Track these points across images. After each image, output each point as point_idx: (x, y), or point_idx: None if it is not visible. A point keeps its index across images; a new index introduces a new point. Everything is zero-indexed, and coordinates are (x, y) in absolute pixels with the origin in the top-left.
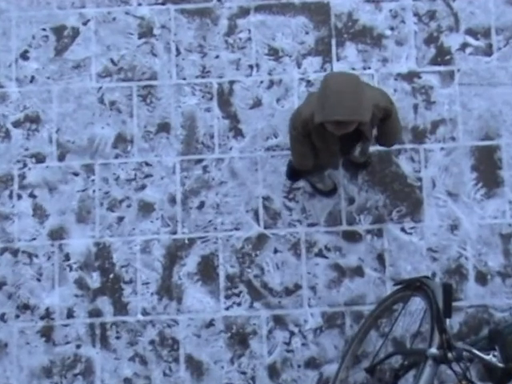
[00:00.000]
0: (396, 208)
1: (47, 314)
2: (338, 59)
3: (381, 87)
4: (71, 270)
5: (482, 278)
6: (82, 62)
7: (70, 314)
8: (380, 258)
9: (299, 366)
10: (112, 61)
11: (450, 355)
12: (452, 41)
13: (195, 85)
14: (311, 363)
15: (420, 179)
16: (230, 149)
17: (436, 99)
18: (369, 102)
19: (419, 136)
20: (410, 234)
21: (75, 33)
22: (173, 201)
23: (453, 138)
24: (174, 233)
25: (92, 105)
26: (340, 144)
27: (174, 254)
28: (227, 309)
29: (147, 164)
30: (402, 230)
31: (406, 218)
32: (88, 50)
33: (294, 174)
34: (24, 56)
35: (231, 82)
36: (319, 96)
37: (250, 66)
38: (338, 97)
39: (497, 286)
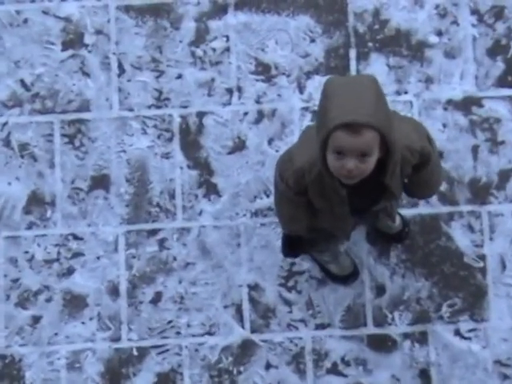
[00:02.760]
0: (447, 301)
1: None
2: None
3: (415, 118)
4: None
5: None
6: None
7: None
8: (424, 376)
9: None
10: (23, 83)
11: None
12: None
13: (147, 118)
14: None
15: (483, 257)
16: (200, 213)
17: (506, 138)
18: (397, 135)
19: (481, 193)
20: (469, 339)
21: None
22: (115, 292)
23: None
24: (117, 340)
25: None
26: (350, 204)
27: (116, 372)
28: None
29: (76, 237)
30: (457, 333)
31: (461, 316)
32: None
33: (291, 245)
34: None
35: (201, 115)
36: (319, 107)
37: (229, 91)
38: (349, 93)
39: None
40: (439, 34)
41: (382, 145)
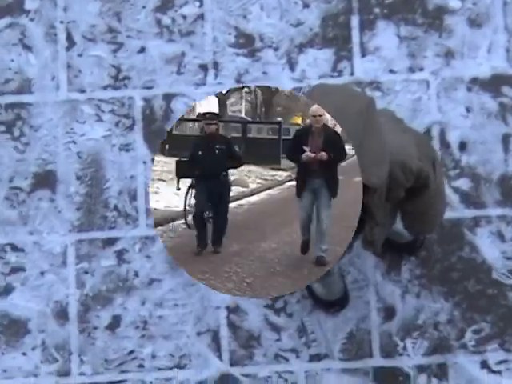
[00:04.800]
0: (472, 326)
1: None
2: (364, 54)
3: (426, 135)
4: None
5: None
6: None
7: None
8: None
9: None
10: None
11: None
12: None
13: (102, 102)
14: None
15: None
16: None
17: None
18: (393, 149)
19: None
20: (499, 373)
21: None
22: (63, 315)
23: None
24: (66, 374)
25: None
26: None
27: None
28: None
29: (15, 248)
30: (484, 365)
31: (490, 345)
32: None
33: None
34: None
35: (168, 97)
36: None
37: (203, 68)
38: (324, 91)
39: None
40: None
41: None
